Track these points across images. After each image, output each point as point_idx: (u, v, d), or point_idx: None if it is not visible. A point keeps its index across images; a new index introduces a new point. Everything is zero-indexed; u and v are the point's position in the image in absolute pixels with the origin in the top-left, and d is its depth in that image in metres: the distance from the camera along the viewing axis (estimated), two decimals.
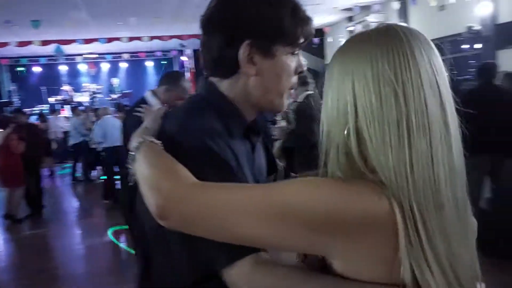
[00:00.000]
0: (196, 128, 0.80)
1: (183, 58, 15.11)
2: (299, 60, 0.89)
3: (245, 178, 0.80)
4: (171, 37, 12.14)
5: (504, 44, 7.66)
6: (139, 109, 1.27)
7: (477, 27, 8.09)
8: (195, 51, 13.90)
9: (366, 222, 0.60)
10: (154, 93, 2.69)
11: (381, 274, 0.62)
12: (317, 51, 13.83)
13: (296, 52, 0.88)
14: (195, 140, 0.77)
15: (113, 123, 6.18)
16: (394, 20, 9.63)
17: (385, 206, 0.60)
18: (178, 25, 10.43)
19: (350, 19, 11.65)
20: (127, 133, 2.71)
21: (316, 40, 12.87)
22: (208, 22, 0.86)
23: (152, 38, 11.99)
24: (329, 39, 13.32)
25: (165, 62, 17.22)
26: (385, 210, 0.59)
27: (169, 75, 2.78)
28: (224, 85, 0.87)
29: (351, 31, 12.00)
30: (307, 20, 0.87)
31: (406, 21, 9.51)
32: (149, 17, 9.21)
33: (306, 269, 0.68)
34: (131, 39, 11.87)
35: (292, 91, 0.95)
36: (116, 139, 5.63)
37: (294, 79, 0.90)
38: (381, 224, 0.60)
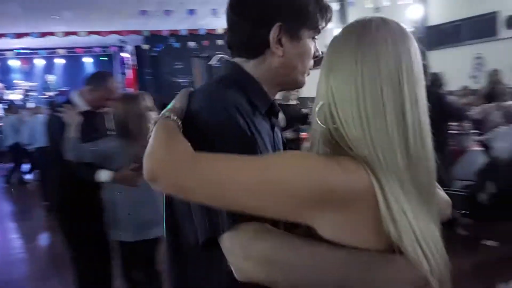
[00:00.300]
0: (222, 104, 0.83)
1: (124, 54, 14.62)
2: (315, 45, 0.96)
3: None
4: (110, 32, 11.72)
5: (434, 45, 8.16)
6: (61, 109, 1.23)
7: (409, 29, 8.54)
8: (136, 47, 13.51)
9: (350, 193, 0.66)
10: (80, 93, 2.61)
11: (364, 241, 0.67)
12: None
13: (316, 37, 0.95)
14: (222, 115, 0.80)
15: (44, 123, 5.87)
16: (334, 20, 9.93)
17: (365, 178, 0.66)
18: (117, 21, 10.09)
19: None
20: (51, 134, 2.60)
21: None
22: (239, 4, 0.91)
23: (89, 33, 11.50)
24: None
25: (105, 59, 16.59)
26: (365, 182, 0.66)
27: (95, 76, 2.70)
28: (249, 66, 0.93)
29: None
30: (328, 7, 0.95)
31: (345, 21, 9.82)
32: (86, 12, 8.83)
33: (301, 237, 0.70)
34: (67, 33, 11.31)
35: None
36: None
37: (312, 61, 0.97)
38: (363, 195, 0.66)
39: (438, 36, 8.02)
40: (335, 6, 9.43)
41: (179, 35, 12.00)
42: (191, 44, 12.28)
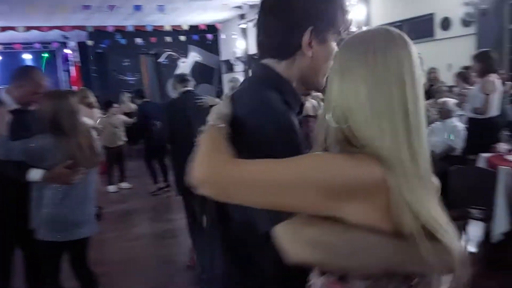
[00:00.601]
0: (273, 108, 0.90)
1: (67, 51, 14.01)
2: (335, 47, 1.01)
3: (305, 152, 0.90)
4: (51, 28, 11.18)
5: None
6: None
7: (353, 29, 8.80)
8: (79, 43, 12.98)
9: (369, 186, 0.75)
10: (7, 91, 2.48)
11: (381, 226, 0.77)
12: (212, 47, 13.89)
13: (338, 40, 1.01)
14: (278, 119, 0.88)
15: None
16: None
17: (379, 170, 0.75)
18: (58, 16, 9.66)
19: (242, 16, 11.89)
20: None
21: (209, 36, 12.90)
22: (274, 8, 0.97)
23: (28, 28, 10.91)
24: (222, 36, 13.44)
25: (47, 55, 15.83)
26: (380, 174, 0.75)
27: (20, 71, 2.57)
28: (281, 67, 0.99)
29: (243, 29, 12.27)
30: (347, 12, 1.01)
31: None
32: (23, 5, 8.37)
33: (342, 224, 0.78)
34: (4, 28, 10.67)
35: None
36: None
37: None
38: (379, 186, 0.75)
39: None
40: None
41: (126, 31, 11.66)
42: (138, 40, 11.98)
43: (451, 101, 4.61)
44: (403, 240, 0.75)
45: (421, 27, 7.09)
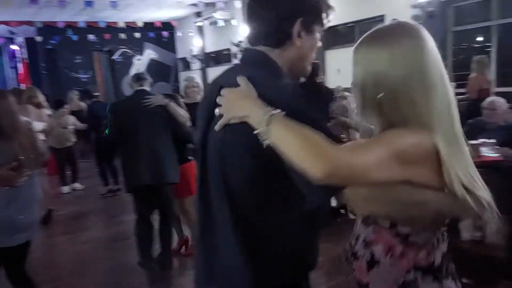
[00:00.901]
0: (288, 90, 1.00)
1: (14, 47, 13.35)
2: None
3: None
4: None
5: (331, 45, 8.66)
6: None
7: None
8: (27, 39, 12.40)
9: (429, 153, 0.94)
10: None
11: (435, 184, 0.96)
12: (168, 45, 13.69)
13: (322, 32, 1.12)
14: (302, 103, 0.97)
15: None
16: (239, 17, 10.08)
17: (431, 140, 0.94)
18: (5, 10, 9.20)
19: (198, 14, 11.80)
20: None
21: (165, 33, 12.71)
22: (260, 8, 1.05)
23: None
24: (178, 33, 13.28)
25: None
26: (432, 143, 0.94)
27: None
28: (274, 54, 1.06)
29: (200, 27, 12.18)
30: (330, 7, 1.11)
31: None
32: None
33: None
34: None
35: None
36: None
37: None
38: (432, 152, 0.94)
39: (334, 37, 8.53)
40: (238, 4, 9.54)
41: (77, 27, 11.27)
42: (91, 37, 11.61)
43: None
44: (451, 194, 0.95)
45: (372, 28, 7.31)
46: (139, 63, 13.33)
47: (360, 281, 1.08)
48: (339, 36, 8.50)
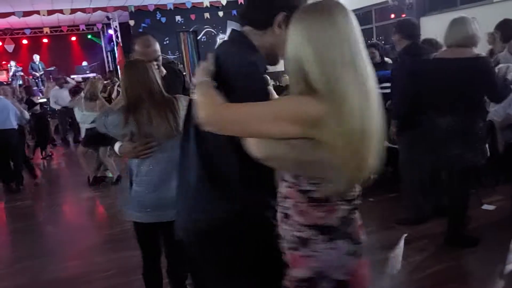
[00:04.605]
0: (251, 66, 1.17)
1: (111, 31, 14.29)
2: None
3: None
4: (95, 9, 11.42)
5: (426, 11, 8.02)
6: None
7: None
8: (120, 24, 13.17)
9: (315, 116, 1.01)
10: None
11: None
12: None
13: None
14: (252, 75, 1.16)
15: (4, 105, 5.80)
16: None
17: (321, 107, 1.00)
18: None
19: None
20: None
21: None
22: None
23: (74, 10, 11.20)
24: None
25: (91, 36, 16.24)
26: (321, 110, 1.01)
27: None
28: (254, 36, 1.25)
29: None
30: None
31: None
32: None
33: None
34: (51, 12, 11.01)
35: None
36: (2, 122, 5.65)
37: None
38: (320, 118, 1.01)
39: (429, 2, 7.88)
40: None
41: (165, 9, 11.70)
42: (178, 18, 12.01)
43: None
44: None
45: None
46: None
47: (277, 233, 1.18)
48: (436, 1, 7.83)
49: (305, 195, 1.09)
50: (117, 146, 2.11)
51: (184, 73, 3.10)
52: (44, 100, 10.43)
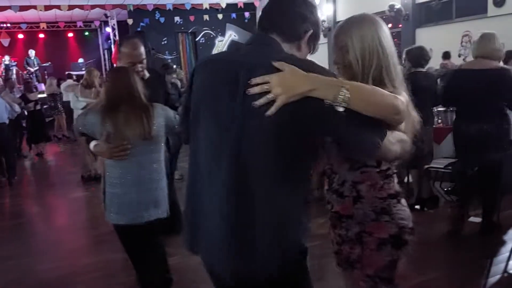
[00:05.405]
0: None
1: (108, 29, 14.24)
2: None
3: None
4: (93, 6, 11.38)
5: (422, 23, 8.09)
6: None
7: (398, 5, 8.44)
8: (119, 22, 13.13)
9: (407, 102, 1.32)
10: None
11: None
12: (249, 25, 13.75)
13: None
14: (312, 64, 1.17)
15: None
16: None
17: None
18: None
19: None
20: None
21: (247, 14, 12.75)
22: (301, 4, 1.24)
23: (71, 7, 11.16)
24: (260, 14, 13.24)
25: (88, 34, 16.18)
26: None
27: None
28: (284, 46, 1.24)
29: None
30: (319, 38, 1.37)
31: None
32: None
33: None
34: (48, 7, 10.96)
35: None
36: None
37: None
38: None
39: (426, 13, 7.95)
40: None
41: (165, 9, 11.70)
42: (177, 19, 12.01)
43: None
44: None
45: (472, 4, 6.69)
46: (221, 44, 13.55)
47: (343, 215, 1.40)
48: (433, 12, 7.90)
49: (382, 174, 1.36)
50: (92, 145, 2.13)
51: (180, 75, 3.10)
52: (44, 95, 10.28)
